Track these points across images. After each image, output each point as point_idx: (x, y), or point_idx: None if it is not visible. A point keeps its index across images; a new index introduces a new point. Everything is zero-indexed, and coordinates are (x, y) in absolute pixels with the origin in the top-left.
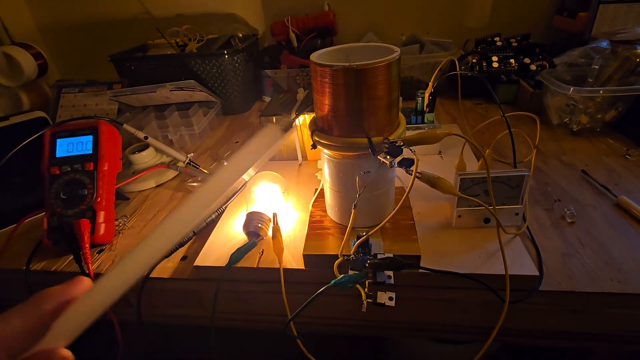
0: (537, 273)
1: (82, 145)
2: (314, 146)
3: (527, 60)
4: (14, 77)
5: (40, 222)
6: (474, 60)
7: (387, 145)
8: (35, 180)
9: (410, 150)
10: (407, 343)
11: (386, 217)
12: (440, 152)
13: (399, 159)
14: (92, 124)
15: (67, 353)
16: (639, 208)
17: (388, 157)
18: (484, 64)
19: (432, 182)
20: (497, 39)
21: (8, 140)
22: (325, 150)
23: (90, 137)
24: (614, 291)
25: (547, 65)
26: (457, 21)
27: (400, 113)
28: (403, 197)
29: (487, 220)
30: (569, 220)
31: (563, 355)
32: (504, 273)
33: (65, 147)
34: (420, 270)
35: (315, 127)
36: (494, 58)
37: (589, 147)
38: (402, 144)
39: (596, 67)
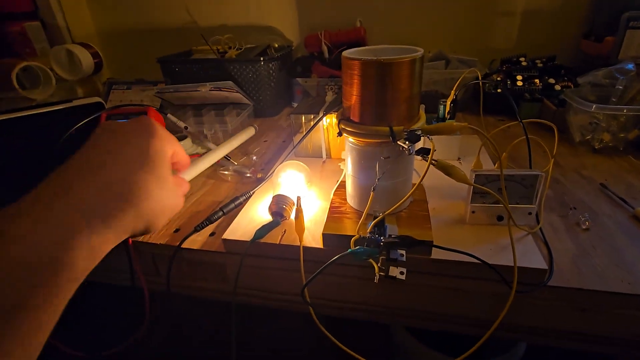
0: (546, 267)
1: None
2: (340, 133)
3: (551, 81)
4: (73, 72)
5: None
6: (498, 79)
7: (406, 133)
8: None
9: (428, 137)
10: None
11: (402, 206)
12: (459, 158)
13: (417, 146)
14: (143, 109)
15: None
16: None
17: (407, 142)
18: (509, 82)
19: (447, 169)
20: (522, 59)
21: (70, 121)
22: (350, 139)
23: None
24: (624, 292)
25: (572, 86)
26: (483, 41)
27: (420, 109)
28: (420, 180)
29: (500, 218)
30: (584, 227)
31: None
32: (513, 264)
33: None
34: (431, 257)
35: (342, 117)
36: (519, 77)
37: (610, 164)
38: (420, 132)
39: (620, 87)
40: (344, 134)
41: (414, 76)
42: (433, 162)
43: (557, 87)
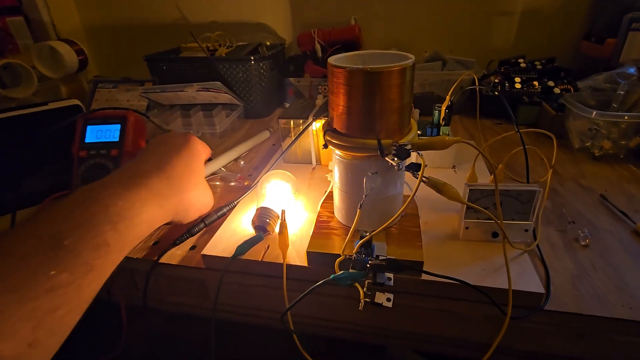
0: (543, 290)
1: (110, 133)
2: (325, 146)
3: (551, 83)
4: (56, 70)
5: None
6: (496, 80)
7: (395, 148)
8: (62, 164)
9: (418, 154)
10: None
11: (393, 223)
12: (454, 166)
13: (407, 162)
14: (121, 114)
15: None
16: None
17: (395, 159)
18: (507, 85)
19: (438, 187)
20: (521, 60)
21: (45, 124)
22: (337, 151)
23: (119, 126)
24: (625, 317)
25: (572, 89)
26: (481, 41)
27: (412, 120)
28: (409, 198)
29: (495, 235)
30: (583, 243)
31: None
32: (514, 287)
33: (95, 134)
34: (421, 278)
35: (328, 128)
36: (517, 79)
37: (610, 172)
38: (410, 147)
39: (621, 92)
40: (330, 147)
41: (404, 86)
42: (424, 179)
43: (557, 90)
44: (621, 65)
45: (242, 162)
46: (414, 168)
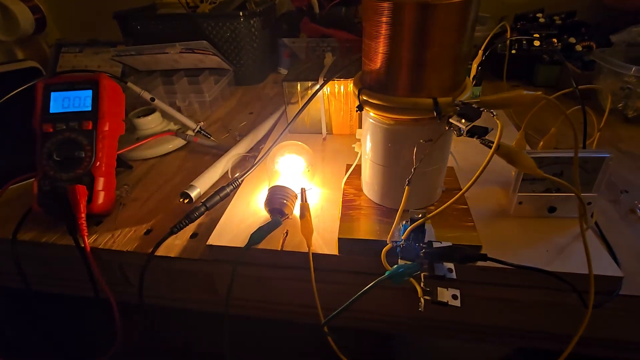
0: (620, 274)
1: (79, 101)
2: (360, 107)
3: (572, 40)
4: (8, 31)
5: (30, 188)
6: (513, 38)
7: (458, 108)
8: (24, 140)
9: (492, 113)
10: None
11: (434, 199)
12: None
13: (470, 125)
14: (92, 77)
15: None
16: None
17: (463, 120)
18: (524, 42)
19: (512, 156)
20: (539, 15)
21: (1, 89)
22: (372, 114)
23: (90, 92)
24: None
25: (595, 45)
26: None
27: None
28: (480, 170)
29: (552, 210)
30: None
31: None
32: (584, 272)
33: (61, 102)
34: (480, 264)
35: (363, 85)
36: (536, 35)
37: None
38: (478, 106)
39: None
40: (366, 108)
41: (465, 27)
42: (497, 146)
43: (579, 48)
44: None
45: (238, 136)
46: (481, 132)
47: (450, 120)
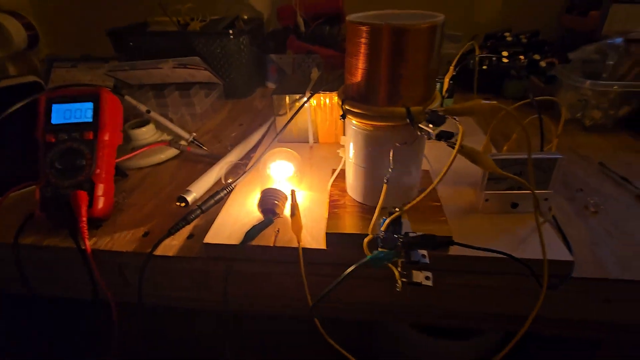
0: (571, 258)
1: (81, 112)
2: (343, 116)
3: (536, 57)
4: (2, 47)
5: (28, 197)
6: (482, 55)
7: (428, 114)
8: (22, 151)
9: (455, 119)
10: (399, 336)
11: (411, 198)
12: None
13: (438, 130)
14: (93, 90)
15: None
16: None
17: (431, 125)
18: (494, 59)
19: (473, 156)
20: (507, 34)
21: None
22: (354, 122)
23: (91, 105)
24: None
25: (557, 62)
26: (466, 15)
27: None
28: (447, 166)
29: (514, 205)
30: (592, 210)
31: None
32: (540, 257)
33: (62, 114)
34: (448, 253)
35: (346, 96)
36: (504, 53)
37: (602, 142)
38: (443, 113)
39: (611, 62)
40: (348, 117)
41: (433, 48)
42: (460, 147)
43: (542, 64)
44: (604, 38)
45: (229, 146)
46: (446, 136)
47: (421, 125)
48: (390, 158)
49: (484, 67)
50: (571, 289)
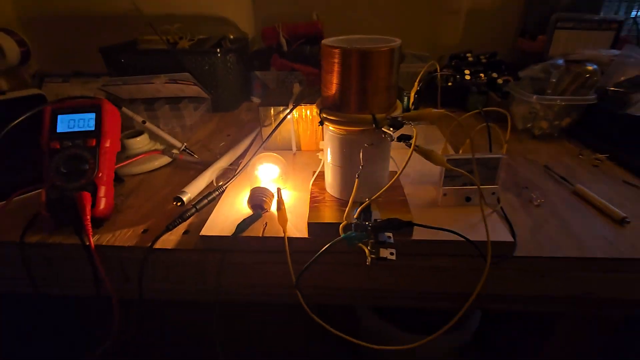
0: (512, 239)
1: (84, 122)
2: (321, 122)
3: (494, 75)
4: None
5: (32, 200)
6: (448, 73)
7: (389, 120)
8: (26, 159)
9: (410, 124)
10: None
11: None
12: None
13: (398, 133)
14: (95, 102)
15: None
16: (591, 194)
17: (391, 129)
18: (457, 77)
19: (427, 154)
20: (469, 55)
21: (2, 116)
22: (331, 128)
23: (93, 115)
24: (574, 256)
25: (511, 79)
26: (433, 38)
27: (397, 99)
28: (404, 165)
29: (468, 199)
30: (535, 203)
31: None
32: (486, 239)
33: (67, 123)
34: (412, 238)
35: (323, 106)
36: (467, 71)
37: (548, 148)
38: (402, 119)
39: (554, 80)
40: (325, 123)
41: (393, 65)
42: (415, 147)
43: (500, 81)
44: (551, 58)
45: (218, 155)
46: (405, 138)
47: (384, 129)
48: (361, 157)
49: (449, 83)
50: (514, 267)
